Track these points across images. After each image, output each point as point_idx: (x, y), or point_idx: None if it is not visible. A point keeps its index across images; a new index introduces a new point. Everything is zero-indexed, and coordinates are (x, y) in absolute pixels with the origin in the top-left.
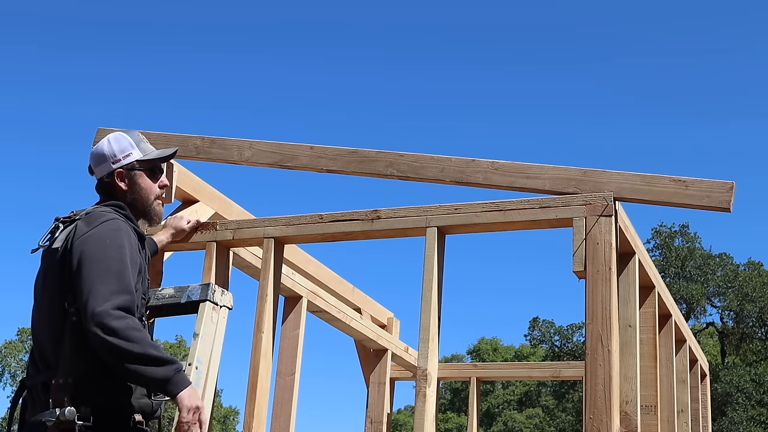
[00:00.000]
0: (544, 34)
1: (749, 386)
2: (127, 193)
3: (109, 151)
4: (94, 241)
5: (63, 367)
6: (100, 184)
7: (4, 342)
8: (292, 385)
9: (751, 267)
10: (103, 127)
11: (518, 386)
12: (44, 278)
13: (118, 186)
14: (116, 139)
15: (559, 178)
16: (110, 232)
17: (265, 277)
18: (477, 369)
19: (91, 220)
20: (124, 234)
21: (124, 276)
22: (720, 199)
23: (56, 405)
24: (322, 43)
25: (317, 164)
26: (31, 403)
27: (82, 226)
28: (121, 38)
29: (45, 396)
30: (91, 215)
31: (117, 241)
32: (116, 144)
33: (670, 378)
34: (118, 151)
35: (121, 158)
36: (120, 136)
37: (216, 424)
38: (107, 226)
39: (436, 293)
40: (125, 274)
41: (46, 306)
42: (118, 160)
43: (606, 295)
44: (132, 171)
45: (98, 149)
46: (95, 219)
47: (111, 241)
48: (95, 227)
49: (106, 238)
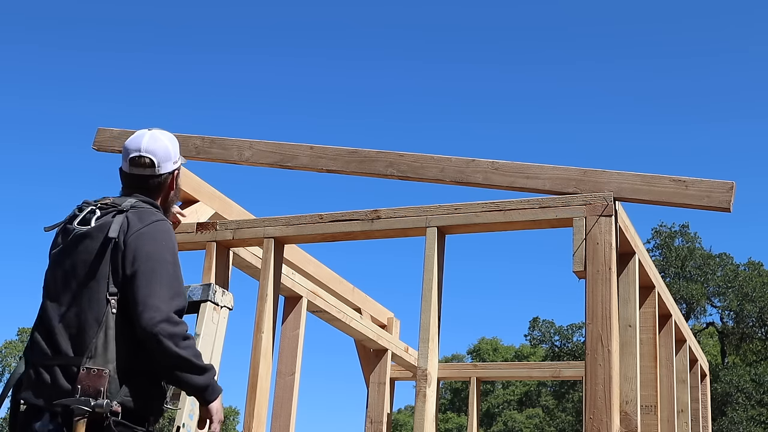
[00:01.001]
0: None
1: (749, 386)
2: (173, 193)
3: (173, 151)
4: (150, 241)
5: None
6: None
7: (4, 342)
8: (292, 385)
9: (751, 267)
10: (103, 127)
11: (518, 386)
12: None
13: (171, 185)
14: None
15: (559, 178)
16: (164, 233)
17: (265, 277)
18: (477, 369)
19: (144, 217)
20: (173, 236)
21: (179, 279)
22: (720, 199)
23: (86, 393)
24: (322, 43)
25: (317, 164)
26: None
27: (135, 221)
28: (121, 38)
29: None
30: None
31: (171, 243)
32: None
33: (670, 378)
34: (177, 151)
35: (177, 159)
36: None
37: None
38: (160, 227)
39: (436, 293)
40: (179, 278)
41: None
42: (177, 160)
43: (606, 295)
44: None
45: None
46: (147, 216)
47: (166, 243)
48: (149, 225)
49: (161, 239)
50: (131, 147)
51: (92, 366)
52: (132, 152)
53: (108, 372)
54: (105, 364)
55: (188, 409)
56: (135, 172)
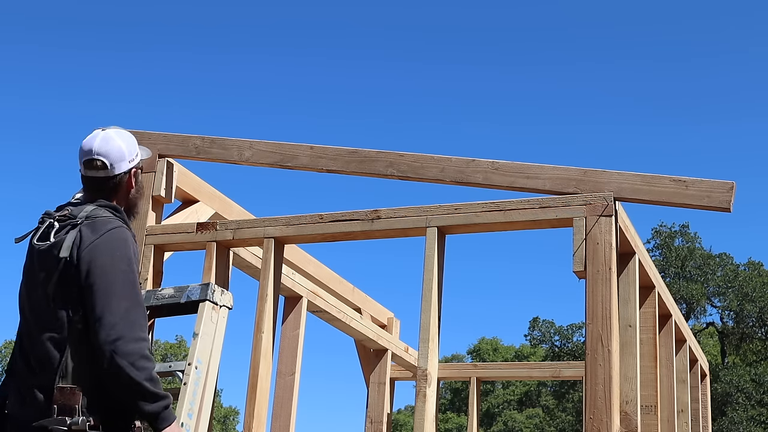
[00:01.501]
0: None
1: (749, 386)
2: (132, 192)
3: (127, 149)
4: (104, 252)
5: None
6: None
7: (4, 342)
8: (292, 385)
9: (751, 267)
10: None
11: (518, 386)
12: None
13: (129, 184)
14: (128, 137)
15: (559, 178)
16: (118, 242)
17: (265, 277)
18: (477, 369)
19: (97, 227)
20: (130, 243)
21: (136, 289)
22: (720, 199)
23: (62, 412)
24: (322, 43)
25: (317, 164)
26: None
27: (87, 234)
28: (121, 38)
29: (44, 400)
30: (96, 221)
31: (126, 252)
32: (131, 142)
33: (670, 378)
34: (133, 149)
35: (134, 157)
36: (128, 135)
37: (216, 424)
38: (114, 235)
39: (436, 293)
40: (137, 288)
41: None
42: (133, 158)
43: (606, 295)
44: (138, 170)
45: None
46: (101, 226)
47: (121, 252)
48: (102, 235)
49: (116, 248)
50: (84, 149)
51: (65, 384)
52: (84, 155)
53: (82, 389)
54: (77, 381)
55: (187, 408)
56: (90, 175)
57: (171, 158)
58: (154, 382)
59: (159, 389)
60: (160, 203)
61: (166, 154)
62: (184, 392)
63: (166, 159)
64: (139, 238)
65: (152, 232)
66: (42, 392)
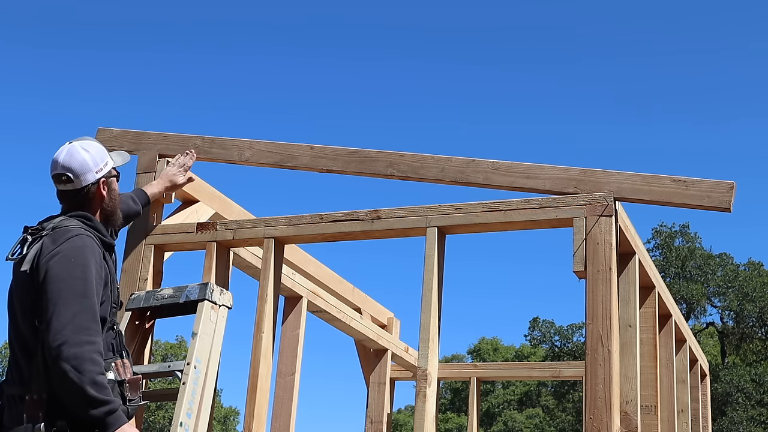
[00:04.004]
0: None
1: (749, 386)
2: (106, 201)
3: (92, 160)
4: (59, 260)
5: (36, 383)
6: (69, 193)
7: (4, 342)
8: (292, 385)
9: (751, 267)
10: (103, 127)
11: (518, 386)
12: (16, 292)
13: (100, 194)
14: (94, 148)
15: (559, 178)
16: (75, 249)
17: (265, 277)
18: (477, 369)
19: (57, 237)
20: (88, 251)
21: (88, 295)
22: (720, 199)
23: (30, 420)
24: (323, 43)
25: (317, 164)
26: (8, 410)
27: (48, 244)
28: (121, 38)
29: (19, 409)
30: (57, 231)
31: (81, 260)
32: (97, 152)
33: (670, 378)
34: (100, 159)
35: (102, 166)
36: (95, 145)
37: (216, 424)
38: (72, 244)
39: (436, 293)
40: (89, 294)
41: (20, 320)
42: (101, 168)
43: (606, 295)
44: (110, 178)
45: (78, 158)
46: (61, 236)
47: (76, 259)
48: (60, 245)
49: (71, 256)
50: (52, 164)
51: (33, 393)
52: (52, 170)
53: (45, 397)
54: (41, 390)
55: (186, 408)
56: (60, 189)
57: (171, 158)
58: (98, 387)
59: (103, 394)
60: (159, 203)
61: (166, 154)
62: (183, 392)
63: (166, 159)
64: (138, 239)
65: (152, 232)
66: (18, 401)
